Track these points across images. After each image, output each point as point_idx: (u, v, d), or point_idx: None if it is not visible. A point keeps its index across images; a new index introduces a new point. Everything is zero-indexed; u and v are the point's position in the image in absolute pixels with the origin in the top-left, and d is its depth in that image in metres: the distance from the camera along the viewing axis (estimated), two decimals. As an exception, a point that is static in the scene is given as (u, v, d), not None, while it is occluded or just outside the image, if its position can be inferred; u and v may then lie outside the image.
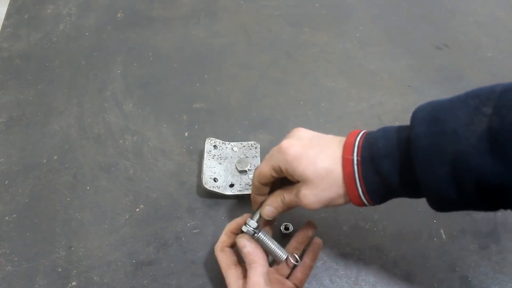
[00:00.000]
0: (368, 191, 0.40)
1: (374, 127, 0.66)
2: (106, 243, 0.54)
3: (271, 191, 0.47)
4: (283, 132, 0.66)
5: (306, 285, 0.51)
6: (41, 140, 0.64)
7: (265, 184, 0.46)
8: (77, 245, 0.54)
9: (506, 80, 0.81)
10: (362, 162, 0.40)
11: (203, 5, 0.86)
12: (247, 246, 0.45)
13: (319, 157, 0.41)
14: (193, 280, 0.51)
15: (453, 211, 0.39)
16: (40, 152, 0.63)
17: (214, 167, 0.59)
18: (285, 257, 0.47)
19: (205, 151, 0.60)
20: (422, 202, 0.41)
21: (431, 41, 0.81)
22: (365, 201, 0.41)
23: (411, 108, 0.71)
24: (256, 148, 0.62)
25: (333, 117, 0.68)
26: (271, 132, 0.66)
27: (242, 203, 0.58)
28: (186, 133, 0.66)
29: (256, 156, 0.61)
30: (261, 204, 0.48)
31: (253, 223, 0.46)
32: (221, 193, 0.57)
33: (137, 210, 0.57)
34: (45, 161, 0.62)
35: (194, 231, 0.56)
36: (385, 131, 0.41)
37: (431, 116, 0.37)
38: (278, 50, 0.78)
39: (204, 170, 0.58)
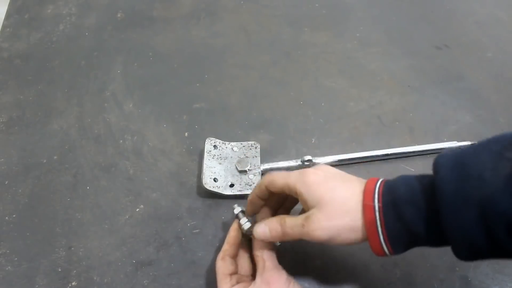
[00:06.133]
0: (390, 238, 0.40)
1: (374, 127, 0.67)
2: (106, 243, 0.54)
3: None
4: (283, 132, 0.66)
5: (306, 285, 0.51)
6: (41, 140, 0.64)
7: (267, 194, 0.47)
8: (77, 245, 0.54)
9: (506, 80, 0.81)
10: (384, 208, 0.39)
11: (203, 5, 0.86)
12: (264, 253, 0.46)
13: (339, 187, 0.42)
14: (193, 280, 0.51)
15: (480, 260, 0.38)
16: (40, 152, 0.63)
17: (214, 167, 0.59)
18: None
19: (205, 151, 0.60)
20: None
21: (431, 41, 0.81)
22: (385, 249, 0.40)
23: (411, 108, 0.72)
24: (256, 148, 0.62)
25: (333, 117, 0.68)
26: (271, 132, 0.66)
27: (242, 203, 0.58)
28: (186, 133, 0.66)
29: (256, 156, 0.61)
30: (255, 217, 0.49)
31: (247, 225, 0.48)
32: (221, 193, 0.57)
33: (137, 210, 0.57)
34: (45, 161, 0.62)
35: (194, 231, 0.56)
36: (404, 178, 0.41)
37: (454, 162, 0.37)
38: (278, 50, 0.78)
39: (204, 170, 0.58)
